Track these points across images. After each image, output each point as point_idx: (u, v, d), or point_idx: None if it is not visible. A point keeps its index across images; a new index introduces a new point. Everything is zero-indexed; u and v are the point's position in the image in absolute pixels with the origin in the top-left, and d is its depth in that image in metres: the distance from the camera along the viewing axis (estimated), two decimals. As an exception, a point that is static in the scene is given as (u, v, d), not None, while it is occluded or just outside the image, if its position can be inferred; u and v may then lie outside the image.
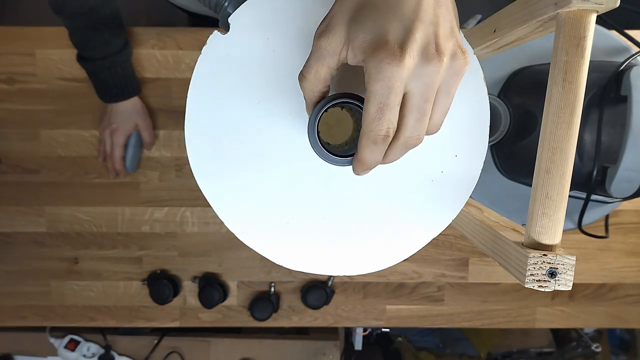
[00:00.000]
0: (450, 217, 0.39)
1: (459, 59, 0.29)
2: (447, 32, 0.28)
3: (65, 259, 0.88)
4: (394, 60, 0.26)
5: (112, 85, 0.78)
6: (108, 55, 0.75)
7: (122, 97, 0.80)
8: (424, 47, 0.27)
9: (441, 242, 0.90)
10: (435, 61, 0.28)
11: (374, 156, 0.30)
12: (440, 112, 0.31)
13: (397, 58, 0.27)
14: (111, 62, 0.75)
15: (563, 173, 0.32)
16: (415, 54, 0.27)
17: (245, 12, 0.37)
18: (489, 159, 0.74)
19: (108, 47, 0.75)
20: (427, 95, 0.29)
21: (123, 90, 0.79)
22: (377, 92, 0.27)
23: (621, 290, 0.91)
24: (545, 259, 0.31)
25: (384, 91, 0.27)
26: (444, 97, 0.30)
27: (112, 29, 0.74)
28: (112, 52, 0.75)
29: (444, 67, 0.28)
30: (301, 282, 0.90)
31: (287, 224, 0.39)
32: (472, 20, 1.20)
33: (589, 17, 0.31)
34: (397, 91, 0.27)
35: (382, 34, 0.27)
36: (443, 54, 0.28)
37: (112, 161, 0.83)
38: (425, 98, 0.29)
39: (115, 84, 0.78)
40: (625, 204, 0.86)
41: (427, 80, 0.28)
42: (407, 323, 0.92)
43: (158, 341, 0.95)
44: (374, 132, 0.28)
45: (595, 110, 0.59)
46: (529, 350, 1.34)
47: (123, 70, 0.77)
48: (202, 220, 0.88)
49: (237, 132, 0.38)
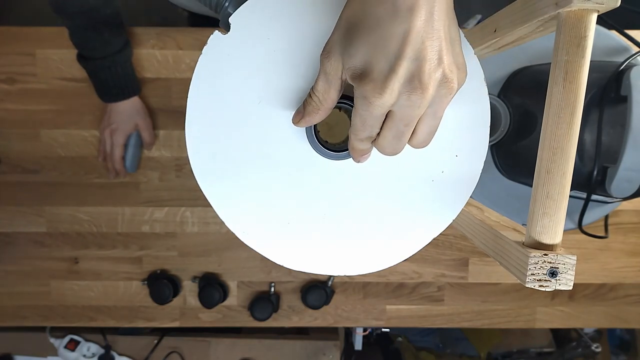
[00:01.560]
0: (451, 217, 0.39)
1: (445, 87, 0.30)
2: (433, 65, 0.29)
3: (65, 259, 0.88)
4: (376, 93, 0.29)
5: (112, 84, 0.78)
6: (108, 54, 0.75)
7: (122, 96, 0.80)
8: (407, 81, 0.29)
9: (441, 242, 0.90)
10: (418, 93, 0.29)
11: (362, 146, 0.34)
12: (425, 132, 0.32)
13: (379, 92, 0.29)
14: (111, 61, 0.75)
15: (564, 173, 0.32)
16: (396, 89, 0.29)
17: (245, 12, 0.37)
18: (489, 159, 0.74)
19: (108, 46, 0.75)
20: (407, 120, 0.31)
21: (123, 89, 0.79)
22: (361, 113, 0.31)
23: (621, 290, 0.91)
24: (546, 259, 0.31)
25: (366, 114, 0.31)
26: (429, 119, 0.32)
27: (112, 28, 0.74)
28: (112, 51, 0.75)
29: (428, 98, 0.29)
30: (301, 282, 0.90)
31: (288, 223, 0.39)
32: (472, 20, 1.20)
33: (589, 17, 0.31)
34: (377, 115, 0.30)
35: (369, 67, 0.29)
36: (427, 88, 0.29)
37: (112, 161, 0.83)
38: (405, 122, 0.31)
39: (115, 83, 0.78)
40: (625, 204, 0.86)
41: (408, 110, 0.30)
42: (407, 323, 0.92)
43: (158, 341, 0.95)
44: (358, 136, 0.33)
45: (595, 110, 0.59)
46: (529, 350, 1.34)
47: (123, 70, 0.78)
48: (202, 220, 0.88)
49: (237, 132, 0.38)
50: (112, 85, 0.78)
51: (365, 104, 0.30)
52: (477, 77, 0.38)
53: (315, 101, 0.34)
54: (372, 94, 0.29)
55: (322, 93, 0.33)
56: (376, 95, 0.29)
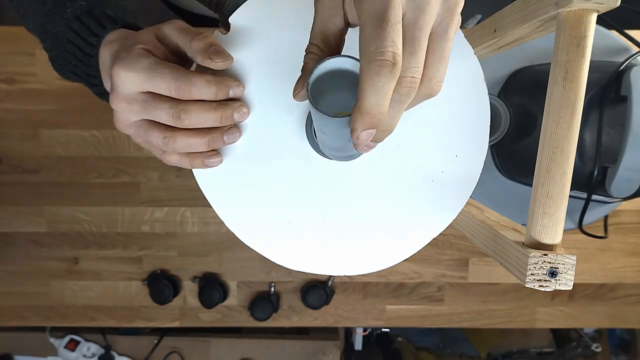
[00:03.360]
0: (451, 217, 0.39)
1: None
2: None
3: (65, 259, 0.88)
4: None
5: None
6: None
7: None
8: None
9: (441, 242, 0.90)
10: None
11: (378, 99, 0.24)
12: (438, 61, 0.27)
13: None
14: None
15: (564, 172, 0.32)
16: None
17: (245, 12, 0.37)
18: (489, 159, 0.74)
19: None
20: (421, 22, 0.25)
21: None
22: (374, 5, 0.24)
23: (621, 290, 0.91)
24: (546, 259, 0.31)
25: (380, 5, 0.24)
26: (440, 39, 0.27)
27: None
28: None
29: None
30: (301, 282, 0.90)
31: (288, 223, 0.39)
32: (472, 20, 1.20)
33: (589, 17, 0.31)
34: (396, 3, 0.24)
35: None
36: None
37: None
38: (419, 25, 0.25)
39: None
40: (625, 204, 0.86)
41: (418, 12, 0.25)
42: (407, 323, 0.92)
43: (158, 341, 0.95)
44: (375, 54, 0.23)
45: (595, 110, 0.59)
46: (529, 350, 1.34)
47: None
48: (202, 220, 0.88)
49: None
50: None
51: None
52: (477, 77, 0.38)
53: (317, 44, 0.28)
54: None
55: (318, 39, 0.28)
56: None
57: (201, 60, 0.34)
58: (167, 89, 0.33)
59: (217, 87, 0.34)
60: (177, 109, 0.34)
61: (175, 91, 0.33)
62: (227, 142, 0.36)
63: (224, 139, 0.36)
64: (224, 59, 0.34)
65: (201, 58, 0.34)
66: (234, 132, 0.36)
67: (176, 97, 0.34)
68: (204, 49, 0.34)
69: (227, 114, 0.35)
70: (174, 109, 0.34)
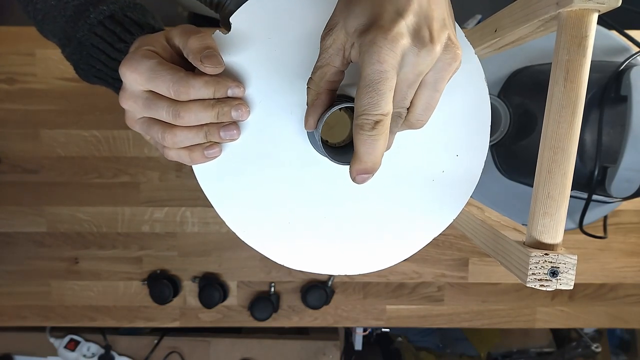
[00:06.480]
0: (451, 217, 0.39)
1: (451, 51, 0.28)
2: (440, 23, 0.28)
3: (65, 259, 0.88)
4: (387, 36, 0.26)
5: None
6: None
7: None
8: (416, 30, 0.27)
9: (441, 242, 0.90)
10: (429, 47, 0.27)
11: (367, 149, 0.28)
12: (423, 106, 0.30)
13: (389, 34, 0.26)
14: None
15: (564, 172, 0.32)
16: (406, 34, 0.27)
17: (246, 11, 0.37)
18: (489, 159, 0.74)
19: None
20: (411, 79, 0.28)
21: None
22: (368, 76, 0.27)
23: (621, 290, 0.91)
24: (547, 258, 0.31)
25: (375, 76, 0.27)
26: (429, 90, 0.29)
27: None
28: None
29: (435, 55, 0.27)
30: (301, 282, 0.90)
31: (288, 223, 0.39)
32: (472, 20, 1.20)
33: (590, 17, 0.31)
34: (389, 76, 0.27)
35: (376, 17, 0.27)
36: (436, 41, 0.27)
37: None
38: (408, 83, 0.28)
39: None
40: (625, 204, 0.86)
41: (413, 67, 0.27)
42: (407, 323, 0.92)
43: (158, 341, 0.95)
44: (364, 115, 0.27)
45: (595, 110, 0.59)
46: (529, 350, 1.34)
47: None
48: (202, 220, 0.88)
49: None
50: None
51: (375, 60, 0.26)
52: (477, 77, 0.38)
53: (311, 85, 0.32)
54: (380, 36, 0.26)
55: (318, 75, 0.31)
56: (388, 37, 0.26)
57: (193, 60, 0.35)
58: (166, 90, 0.34)
59: (216, 87, 0.35)
60: (176, 107, 0.34)
61: (174, 93, 0.34)
62: (224, 138, 0.36)
63: (220, 134, 0.36)
64: (214, 65, 0.34)
65: (193, 58, 0.35)
66: (230, 129, 0.36)
67: (175, 99, 0.35)
68: (199, 50, 0.34)
69: (224, 111, 0.35)
70: (172, 108, 0.34)
